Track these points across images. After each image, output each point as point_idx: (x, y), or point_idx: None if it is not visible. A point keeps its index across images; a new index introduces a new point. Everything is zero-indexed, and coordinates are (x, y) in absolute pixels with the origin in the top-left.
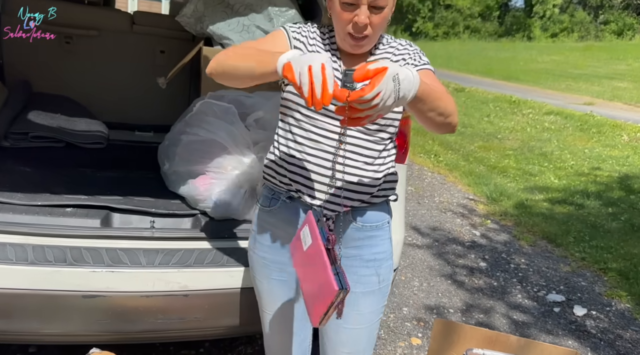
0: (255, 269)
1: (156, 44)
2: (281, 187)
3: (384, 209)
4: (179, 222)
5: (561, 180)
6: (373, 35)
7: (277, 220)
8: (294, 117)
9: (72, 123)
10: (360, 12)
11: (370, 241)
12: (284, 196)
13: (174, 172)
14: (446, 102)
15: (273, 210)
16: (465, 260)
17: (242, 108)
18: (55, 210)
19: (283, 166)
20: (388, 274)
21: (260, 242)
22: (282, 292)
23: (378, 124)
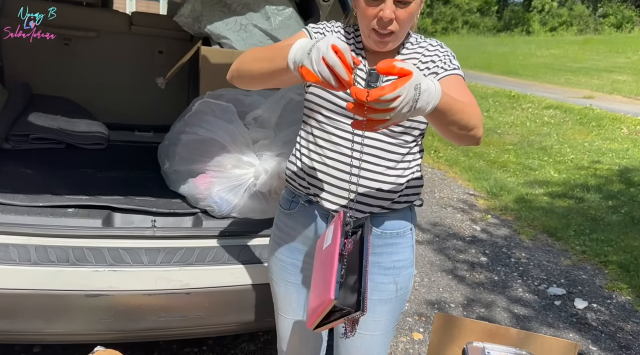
0: (273, 270)
1: (154, 45)
2: (300, 190)
3: (406, 215)
4: (180, 221)
5: (561, 174)
6: (399, 31)
7: (295, 224)
8: (316, 118)
9: (73, 124)
10: (386, 6)
11: (390, 249)
12: (303, 199)
13: (174, 172)
14: (469, 114)
15: (292, 213)
16: (466, 255)
17: (240, 106)
18: (57, 211)
19: (303, 169)
20: (407, 282)
21: (279, 244)
22: (298, 295)
23: (402, 126)
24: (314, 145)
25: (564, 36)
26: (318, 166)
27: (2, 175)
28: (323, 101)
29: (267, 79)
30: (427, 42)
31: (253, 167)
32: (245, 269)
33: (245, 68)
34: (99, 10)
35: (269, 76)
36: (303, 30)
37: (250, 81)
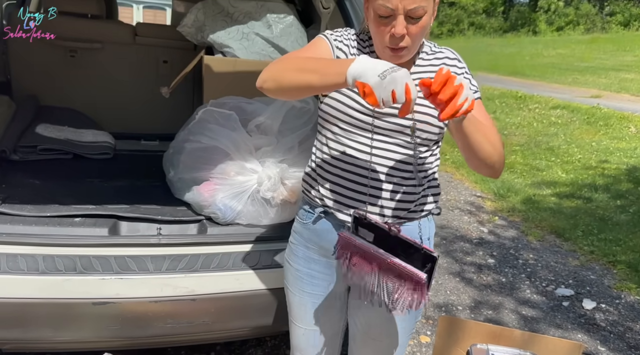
0: (288, 280)
1: (159, 54)
2: (316, 201)
3: (423, 224)
4: (185, 228)
5: (569, 174)
6: (412, 45)
7: (311, 234)
8: (332, 130)
9: (79, 135)
10: (397, 22)
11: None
12: (319, 211)
13: (179, 180)
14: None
15: (308, 224)
16: (474, 258)
17: (243, 114)
18: (64, 221)
19: (317, 180)
20: None
21: (295, 254)
22: (313, 306)
23: (419, 137)
24: (329, 157)
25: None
26: (333, 178)
27: (11, 186)
28: (339, 113)
29: (309, 91)
30: (443, 54)
31: (256, 173)
32: (250, 274)
33: (288, 78)
34: (103, 21)
35: (314, 89)
36: (322, 37)
37: (288, 91)
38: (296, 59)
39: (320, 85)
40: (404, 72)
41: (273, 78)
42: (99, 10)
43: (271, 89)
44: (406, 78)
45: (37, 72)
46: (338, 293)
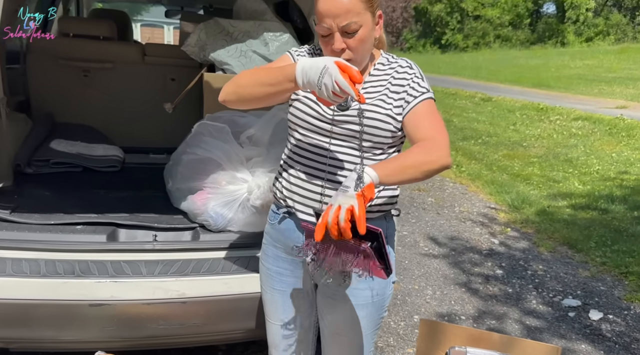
0: (261, 278)
1: (167, 73)
2: (280, 202)
3: (380, 224)
4: (180, 235)
5: (585, 185)
6: (356, 57)
7: (278, 234)
8: (294, 136)
9: (91, 149)
10: (335, 39)
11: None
12: (283, 211)
13: (176, 189)
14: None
15: (275, 224)
16: (482, 268)
17: (236, 127)
18: (67, 228)
19: (282, 183)
20: (382, 289)
21: (266, 253)
22: (283, 302)
23: (371, 141)
24: (292, 161)
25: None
26: (294, 180)
27: (22, 197)
28: (299, 120)
29: (267, 101)
30: (397, 63)
31: (246, 182)
32: (238, 279)
33: (247, 92)
34: (115, 43)
35: (271, 98)
36: (287, 53)
37: (249, 103)
38: (251, 73)
39: (275, 91)
40: (331, 70)
41: (235, 91)
42: (111, 33)
43: (233, 101)
44: (334, 75)
45: (53, 91)
46: (306, 289)
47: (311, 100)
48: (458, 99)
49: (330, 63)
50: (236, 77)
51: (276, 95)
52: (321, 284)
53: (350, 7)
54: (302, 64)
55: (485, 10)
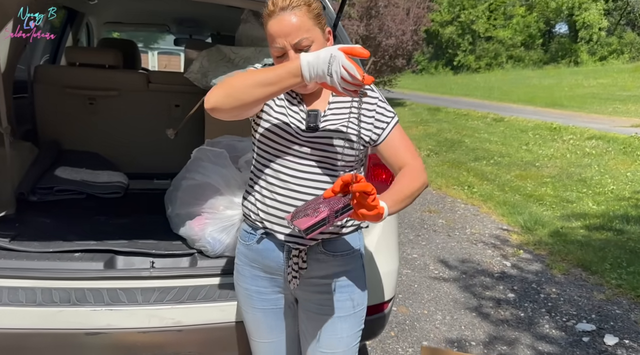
0: (240, 300)
1: (171, 99)
2: (256, 224)
3: (354, 238)
4: (178, 261)
5: (600, 205)
6: None
7: (254, 255)
8: (264, 156)
9: (95, 176)
10: (290, 57)
11: (344, 268)
12: (260, 232)
13: (176, 215)
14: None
15: (251, 244)
16: (493, 292)
17: (234, 152)
18: (65, 256)
19: (256, 204)
20: (362, 299)
21: (242, 274)
22: (266, 320)
23: (343, 160)
24: (265, 183)
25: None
26: (270, 202)
27: (24, 224)
28: (270, 141)
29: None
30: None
31: None
32: (235, 305)
33: (245, 93)
34: (120, 71)
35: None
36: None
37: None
38: (246, 74)
39: (278, 91)
40: (339, 57)
41: (227, 95)
42: (116, 61)
43: (224, 107)
44: (341, 61)
45: (59, 119)
46: (287, 304)
47: (283, 121)
48: (470, 119)
49: (335, 51)
50: (227, 80)
51: (276, 94)
52: (302, 298)
53: (300, 25)
54: (305, 58)
55: (497, 31)
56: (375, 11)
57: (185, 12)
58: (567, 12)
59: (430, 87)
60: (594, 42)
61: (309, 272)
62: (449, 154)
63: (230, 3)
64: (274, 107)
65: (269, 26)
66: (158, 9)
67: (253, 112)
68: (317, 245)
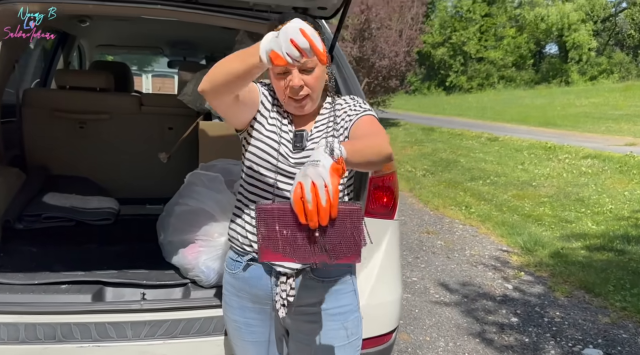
0: (229, 331)
1: (164, 122)
2: (244, 249)
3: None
4: (170, 292)
5: (599, 225)
6: (313, 94)
7: (242, 284)
8: (254, 177)
9: (85, 202)
10: (293, 76)
11: (335, 295)
12: (247, 258)
13: (168, 243)
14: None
15: (237, 273)
16: (496, 317)
17: (229, 175)
18: (51, 288)
19: (245, 227)
20: (356, 328)
21: (230, 305)
22: (256, 352)
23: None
24: (254, 204)
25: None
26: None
27: (8, 254)
28: (260, 160)
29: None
30: (342, 99)
31: None
32: None
33: (217, 73)
34: (111, 94)
35: (240, 77)
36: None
37: (221, 87)
38: (222, 60)
39: (243, 69)
40: (295, 21)
41: (207, 80)
42: (107, 84)
43: (207, 90)
44: (298, 24)
45: (48, 144)
46: (278, 335)
47: (274, 140)
48: (464, 139)
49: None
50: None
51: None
52: (292, 329)
53: None
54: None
55: (488, 52)
56: (368, 33)
57: (179, 34)
58: (556, 32)
59: (424, 107)
60: (583, 62)
61: (298, 299)
62: (444, 173)
63: (224, 24)
64: (265, 126)
65: None
66: (151, 32)
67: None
68: (307, 271)
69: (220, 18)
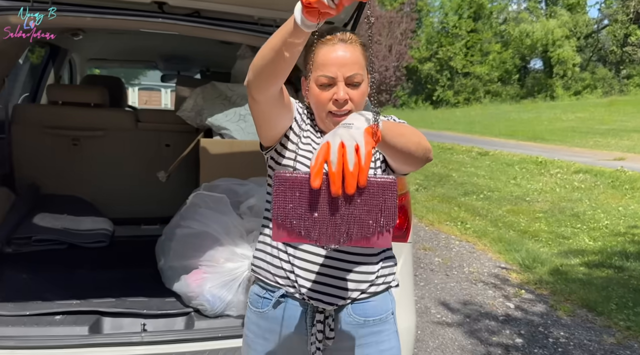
0: None
1: (161, 139)
2: (276, 282)
3: (386, 298)
4: (172, 322)
5: (596, 241)
6: (355, 110)
7: (270, 323)
8: None
9: (77, 223)
10: (339, 88)
11: (376, 337)
12: (277, 294)
13: (169, 268)
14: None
15: (266, 312)
16: (500, 337)
17: (235, 197)
18: (44, 319)
19: (278, 256)
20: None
21: (254, 349)
22: None
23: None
24: None
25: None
26: (294, 252)
27: None
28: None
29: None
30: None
31: (247, 259)
32: None
33: (258, 57)
34: (106, 109)
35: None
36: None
37: (264, 69)
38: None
39: (280, 41)
40: None
41: (251, 68)
42: (102, 99)
43: (251, 79)
44: None
45: (39, 162)
46: None
47: (308, 159)
48: (455, 153)
49: None
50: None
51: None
52: None
53: (357, 59)
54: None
55: (474, 67)
56: None
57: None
58: (541, 48)
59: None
60: (568, 77)
61: (336, 342)
62: (437, 188)
63: (227, 38)
64: (299, 145)
65: (322, 53)
66: (146, 45)
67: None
68: (347, 309)
69: (224, 32)
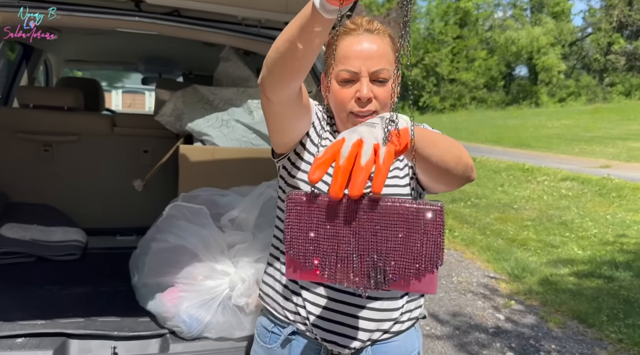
0: None
1: (139, 144)
2: (285, 316)
3: (411, 336)
4: (146, 345)
5: (585, 250)
6: (380, 111)
7: None
8: None
9: (48, 234)
10: (362, 85)
11: None
12: (287, 330)
13: (143, 285)
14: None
15: (274, 349)
16: (491, 351)
17: (215, 208)
18: (3, 343)
19: (287, 286)
20: None
21: None
22: None
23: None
24: None
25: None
26: (306, 284)
27: None
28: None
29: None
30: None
31: (228, 276)
32: None
33: (272, 49)
34: (80, 113)
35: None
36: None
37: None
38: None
39: (297, 30)
40: None
41: (265, 63)
42: (76, 103)
43: (265, 75)
44: None
45: (8, 168)
46: None
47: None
48: None
49: None
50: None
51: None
52: None
53: (384, 52)
54: None
55: (460, 74)
56: None
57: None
58: (526, 55)
59: None
60: (553, 85)
61: None
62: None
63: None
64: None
65: (345, 44)
66: (125, 46)
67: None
68: (364, 353)
69: (206, 33)
